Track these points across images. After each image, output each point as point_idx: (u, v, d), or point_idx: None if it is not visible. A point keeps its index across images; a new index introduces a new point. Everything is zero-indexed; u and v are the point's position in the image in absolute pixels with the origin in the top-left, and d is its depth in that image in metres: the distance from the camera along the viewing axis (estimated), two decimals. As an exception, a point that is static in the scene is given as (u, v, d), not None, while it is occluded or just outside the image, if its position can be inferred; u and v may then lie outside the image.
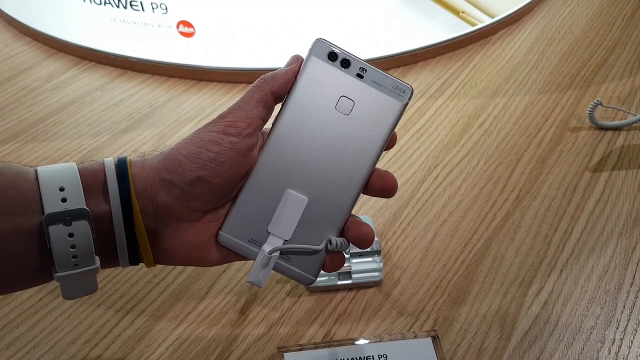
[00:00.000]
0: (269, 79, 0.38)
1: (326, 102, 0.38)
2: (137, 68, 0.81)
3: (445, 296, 0.51)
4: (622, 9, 0.92)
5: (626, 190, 0.60)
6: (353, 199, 0.38)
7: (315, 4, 0.76)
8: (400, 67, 0.81)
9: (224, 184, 0.36)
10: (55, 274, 0.34)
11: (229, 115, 0.36)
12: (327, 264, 0.38)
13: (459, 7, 0.82)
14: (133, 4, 0.77)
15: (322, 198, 0.38)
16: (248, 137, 0.36)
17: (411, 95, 0.38)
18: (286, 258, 0.38)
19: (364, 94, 0.38)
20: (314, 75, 0.38)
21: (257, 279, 0.37)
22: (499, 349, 0.46)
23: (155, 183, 0.35)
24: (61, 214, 0.33)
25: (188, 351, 0.47)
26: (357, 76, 0.38)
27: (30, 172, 0.34)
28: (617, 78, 0.77)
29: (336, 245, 0.37)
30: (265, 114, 0.37)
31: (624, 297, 0.50)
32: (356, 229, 0.38)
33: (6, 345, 0.47)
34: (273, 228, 0.38)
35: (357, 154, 0.38)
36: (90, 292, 0.36)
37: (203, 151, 0.35)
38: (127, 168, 0.35)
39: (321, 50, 0.38)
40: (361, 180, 0.38)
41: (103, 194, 0.35)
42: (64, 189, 0.33)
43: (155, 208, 0.35)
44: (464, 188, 0.61)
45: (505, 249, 0.55)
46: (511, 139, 0.68)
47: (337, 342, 0.47)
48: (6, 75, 0.81)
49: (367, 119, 0.38)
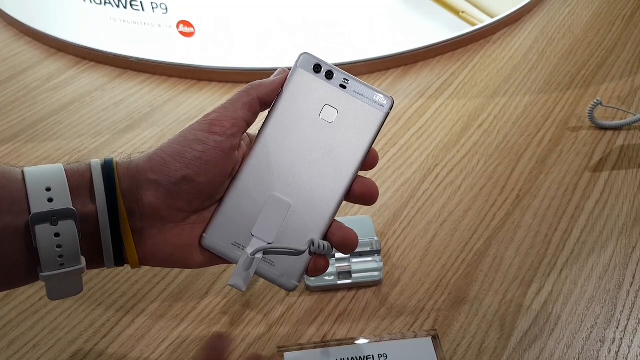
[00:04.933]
0: (256, 86, 0.39)
1: (311, 110, 0.39)
2: (137, 68, 0.81)
3: (445, 296, 0.51)
4: (622, 9, 0.92)
5: (626, 190, 0.60)
6: (336, 204, 0.39)
7: (315, 4, 0.76)
8: (400, 67, 0.81)
9: (209, 183, 0.36)
10: (41, 274, 0.34)
11: (214, 114, 0.37)
12: (311, 268, 0.38)
13: (459, 7, 0.82)
14: (133, 4, 0.77)
15: (306, 203, 0.38)
16: (232, 137, 0.37)
17: (392, 106, 0.40)
18: (269, 262, 0.38)
19: (347, 104, 0.39)
20: (300, 85, 0.39)
21: (238, 282, 0.37)
22: (499, 348, 0.46)
23: (141, 184, 0.35)
24: (47, 214, 0.33)
25: (188, 351, 0.47)
26: (341, 87, 0.39)
27: (17, 173, 0.34)
28: (617, 78, 0.77)
29: (319, 247, 0.37)
30: (249, 117, 0.38)
31: (624, 297, 0.50)
32: (341, 233, 0.39)
33: (6, 345, 0.47)
34: (257, 231, 0.38)
35: (340, 160, 0.39)
36: (76, 293, 0.36)
37: (188, 150, 0.35)
38: (113, 169, 0.35)
39: (307, 62, 0.39)
40: (344, 185, 0.39)
41: (89, 195, 0.35)
42: (51, 189, 0.33)
43: (141, 209, 0.35)
44: (464, 188, 0.61)
45: (505, 249, 0.55)
46: (511, 139, 0.68)
47: (337, 342, 0.47)
48: (6, 75, 0.81)
49: (349, 127, 0.39)
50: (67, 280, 0.35)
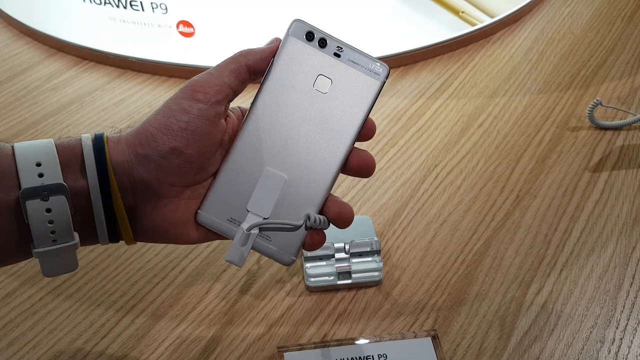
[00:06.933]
0: (245, 53, 0.38)
1: (304, 81, 0.38)
2: (137, 68, 0.81)
3: (445, 296, 0.51)
4: (622, 9, 0.92)
5: (626, 190, 0.60)
6: (332, 177, 0.38)
7: (315, 4, 0.76)
8: (400, 67, 0.81)
9: (198, 154, 0.36)
10: (34, 250, 0.33)
11: (197, 79, 0.36)
12: (307, 242, 0.38)
13: (459, 7, 0.82)
14: (133, 3, 0.77)
15: (301, 176, 0.38)
16: (216, 105, 0.36)
17: (388, 74, 0.38)
18: (265, 237, 0.38)
19: (342, 73, 0.38)
20: (292, 54, 0.38)
21: (235, 258, 0.37)
22: (499, 348, 0.46)
23: (132, 159, 0.35)
24: (38, 189, 0.33)
25: (188, 351, 0.47)
26: (335, 55, 0.38)
27: (7, 148, 0.34)
28: (617, 78, 0.77)
29: (314, 221, 0.37)
30: (236, 85, 0.37)
31: (624, 297, 0.50)
32: (336, 207, 0.38)
33: (6, 345, 0.47)
34: (252, 206, 0.37)
35: (336, 131, 0.38)
36: (71, 269, 0.35)
37: (173, 121, 0.35)
38: (104, 144, 0.35)
39: (299, 30, 0.38)
40: (340, 157, 0.38)
41: (80, 170, 0.34)
42: (41, 164, 0.33)
43: (133, 184, 0.35)
44: (463, 188, 0.61)
45: (505, 249, 0.55)
46: (511, 139, 0.68)
47: (337, 342, 0.47)
48: (6, 75, 0.81)
49: (344, 97, 0.38)
50: (61, 256, 0.34)
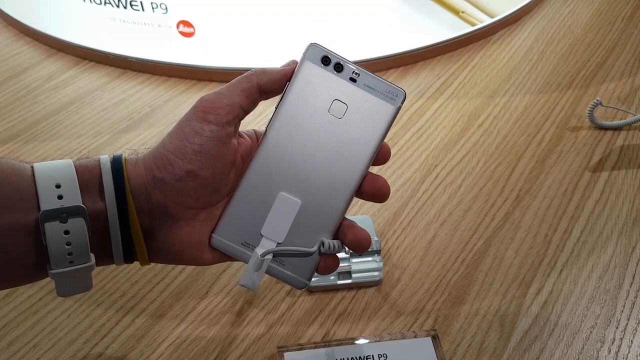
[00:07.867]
0: (258, 72, 0.37)
1: (319, 106, 0.38)
2: (137, 68, 0.81)
3: (445, 296, 0.51)
4: (622, 9, 0.92)
5: (626, 190, 0.60)
6: (346, 201, 0.38)
7: (316, 4, 0.76)
8: (400, 67, 0.81)
9: (212, 176, 0.36)
10: (50, 271, 0.34)
11: (208, 98, 0.36)
12: (321, 267, 0.38)
13: (459, 7, 0.82)
14: (133, 3, 0.77)
15: (315, 201, 0.38)
16: (227, 125, 0.36)
17: (404, 99, 0.38)
18: (279, 261, 0.38)
19: (357, 98, 0.38)
20: (308, 78, 0.38)
21: (249, 282, 0.37)
22: (499, 348, 0.46)
23: (149, 181, 0.35)
24: (57, 211, 0.33)
25: (188, 351, 0.47)
26: (350, 80, 0.38)
27: (27, 169, 0.34)
28: (617, 78, 0.77)
29: (329, 248, 0.37)
30: (247, 104, 0.37)
31: (624, 297, 0.50)
32: (353, 233, 0.38)
33: (6, 345, 0.47)
34: (266, 231, 0.38)
35: (350, 157, 0.38)
36: (85, 289, 0.36)
37: (187, 144, 0.35)
38: (122, 166, 0.35)
39: (315, 54, 0.38)
40: (354, 183, 0.38)
41: (99, 192, 0.35)
42: (60, 186, 0.33)
43: (151, 207, 0.35)
44: (463, 188, 0.61)
45: (505, 249, 0.55)
46: (511, 139, 0.68)
47: (337, 342, 0.47)
48: (6, 75, 0.81)
49: (360, 122, 0.38)
50: (77, 277, 0.34)
